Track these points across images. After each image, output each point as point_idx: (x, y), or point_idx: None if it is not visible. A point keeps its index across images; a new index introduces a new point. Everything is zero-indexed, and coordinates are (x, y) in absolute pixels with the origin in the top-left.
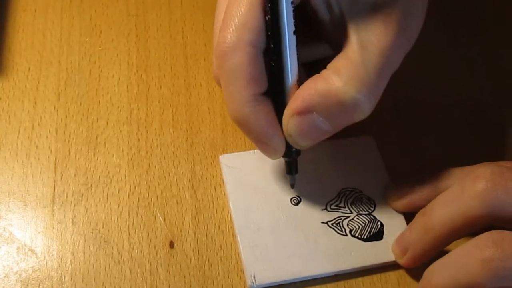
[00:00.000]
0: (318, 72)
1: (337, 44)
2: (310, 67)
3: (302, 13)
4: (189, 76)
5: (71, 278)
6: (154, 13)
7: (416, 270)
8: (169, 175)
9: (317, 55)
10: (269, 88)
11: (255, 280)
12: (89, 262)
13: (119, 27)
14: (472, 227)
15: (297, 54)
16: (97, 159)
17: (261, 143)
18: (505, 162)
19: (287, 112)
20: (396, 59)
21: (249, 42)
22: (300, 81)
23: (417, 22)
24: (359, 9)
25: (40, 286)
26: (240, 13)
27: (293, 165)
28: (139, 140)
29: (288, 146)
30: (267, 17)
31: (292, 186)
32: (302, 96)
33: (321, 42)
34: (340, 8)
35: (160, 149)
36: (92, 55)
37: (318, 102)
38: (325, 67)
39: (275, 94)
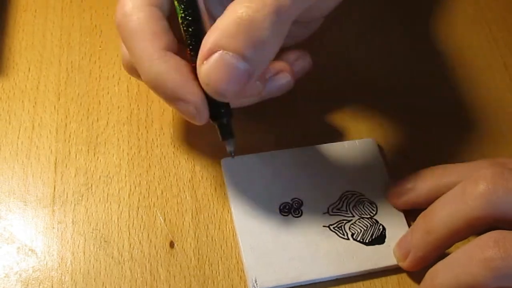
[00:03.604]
0: None
1: None
2: None
3: None
4: None
5: (71, 278)
6: None
7: (417, 272)
8: (169, 175)
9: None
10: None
11: (256, 284)
12: (89, 262)
13: None
14: (473, 229)
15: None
16: (97, 159)
17: (179, 101)
18: (503, 159)
19: (198, 63)
20: None
21: (147, 3)
22: None
23: None
24: None
25: (40, 286)
26: None
27: (226, 127)
28: (139, 140)
29: (215, 105)
30: None
31: (231, 153)
32: (206, 40)
33: None
34: None
35: (161, 149)
36: (92, 55)
37: (219, 37)
38: None
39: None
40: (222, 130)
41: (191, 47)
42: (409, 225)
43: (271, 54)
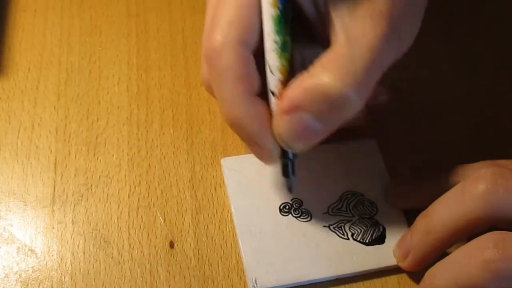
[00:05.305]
0: None
1: (327, 42)
2: None
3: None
4: (189, 76)
5: (71, 278)
6: (154, 13)
7: (417, 272)
8: (169, 175)
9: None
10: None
11: (256, 284)
12: (89, 262)
13: (119, 27)
14: (473, 229)
15: (292, 52)
16: (97, 159)
17: (255, 145)
18: (504, 161)
19: (275, 113)
20: (385, 59)
21: (237, 41)
22: None
23: (412, 27)
24: (345, 3)
25: (40, 286)
26: (226, 13)
27: (289, 166)
28: (139, 140)
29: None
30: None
31: (290, 190)
32: (289, 95)
33: (315, 43)
34: (326, 1)
35: (160, 149)
36: (92, 55)
37: (305, 99)
38: None
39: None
40: (286, 168)
41: (271, 90)
42: (409, 225)
43: (348, 118)
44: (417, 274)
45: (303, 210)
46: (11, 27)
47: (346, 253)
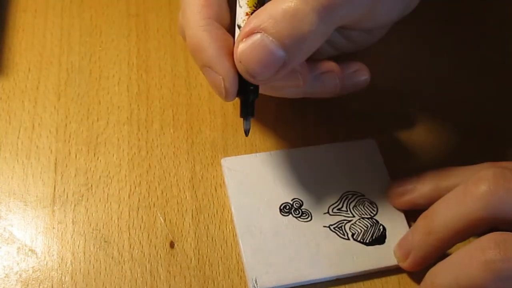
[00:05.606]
0: None
1: None
2: None
3: None
4: (189, 76)
5: (72, 278)
6: (154, 13)
7: (418, 272)
8: (170, 175)
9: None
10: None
11: (256, 284)
12: (90, 262)
13: (119, 27)
14: (474, 230)
15: None
16: (98, 159)
17: (210, 71)
18: (506, 163)
19: (237, 39)
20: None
21: None
22: None
23: None
24: None
25: (41, 286)
26: None
27: (248, 105)
28: (139, 140)
29: (244, 82)
30: None
31: (246, 133)
32: (251, 20)
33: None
34: None
35: (161, 149)
36: (92, 55)
37: (264, 19)
38: None
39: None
40: (244, 107)
41: (238, 23)
42: (410, 226)
43: (310, 49)
44: (417, 274)
45: (303, 210)
46: (11, 27)
47: (347, 253)
